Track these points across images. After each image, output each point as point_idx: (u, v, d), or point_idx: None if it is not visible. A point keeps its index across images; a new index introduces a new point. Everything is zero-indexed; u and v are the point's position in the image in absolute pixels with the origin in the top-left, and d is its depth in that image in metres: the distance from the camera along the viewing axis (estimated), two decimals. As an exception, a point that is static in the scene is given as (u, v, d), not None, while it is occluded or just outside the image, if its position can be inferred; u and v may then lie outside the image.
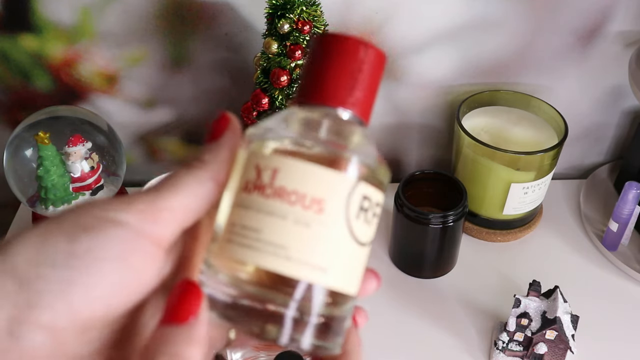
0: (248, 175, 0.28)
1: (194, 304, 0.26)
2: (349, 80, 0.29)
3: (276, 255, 0.27)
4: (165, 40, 0.74)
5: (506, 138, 0.75)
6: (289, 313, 0.27)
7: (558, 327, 0.62)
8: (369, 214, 0.28)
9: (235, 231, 0.27)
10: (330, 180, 0.27)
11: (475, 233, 0.79)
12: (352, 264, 0.28)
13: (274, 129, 0.29)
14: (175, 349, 0.24)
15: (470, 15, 0.74)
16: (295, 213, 0.27)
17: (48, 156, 0.66)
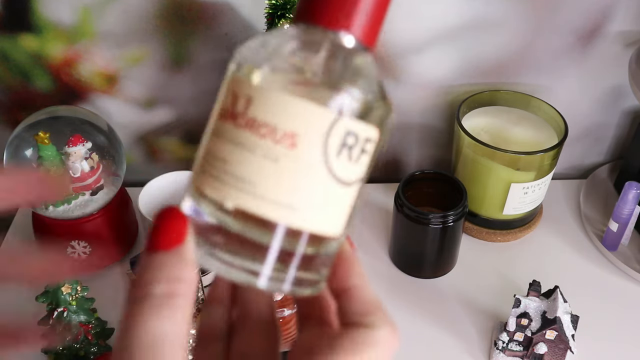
0: (225, 102, 0.26)
1: (182, 227, 0.25)
2: (355, 2, 0.26)
3: (242, 190, 0.25)
4: (165, 40, 0.74)
5: (506, 138, 0.75)
6: (269, 252, 0.25)
7: (558, 327, 0.62)
8: (355, 150, 0.26)
9: (208, 160, 0.26)
10: (305, 114, 0.25)
11: (475, 233, 0.79)
12: (331, 204, 0.26)
13: (259, 52, 0.27)
14: (172, 273, 0.24)
15: (471, 15, 0.74)
16: (265, 147, 0.25)
17: (48, 156, 0.66)
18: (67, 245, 0.71)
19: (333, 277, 0.28)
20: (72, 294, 0.58)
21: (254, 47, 0.27)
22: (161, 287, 0.24)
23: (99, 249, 0.72)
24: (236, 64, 0.27)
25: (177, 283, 0.24)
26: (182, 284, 0.24)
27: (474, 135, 0.73)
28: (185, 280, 0.24)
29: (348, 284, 0.28)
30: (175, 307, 0.24)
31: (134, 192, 0.79)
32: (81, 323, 0.60)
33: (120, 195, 0.75)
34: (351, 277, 0.28)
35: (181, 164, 0.85)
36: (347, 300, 0.28)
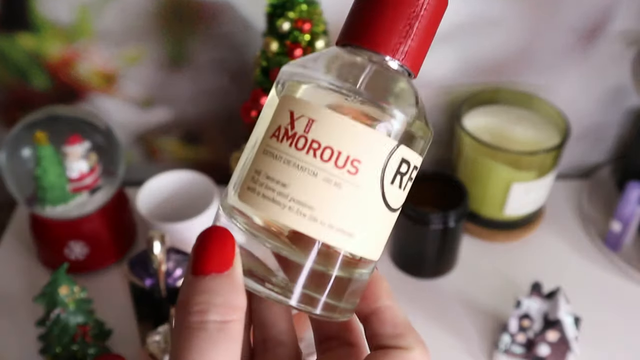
0: (280, 120, 0.26)
1: (231, 250, 0.24)
2: (404, 26, 0.26)
3: (301, 214, 0.25)
4: (164, 39, 0.74)
5: (507, 138, 0.75)
6: (305, 271, 0.25)
7: (560, 328, 0.61)
8: (405, 178, 0.26)
9: (259, 180, 0.25)
10: (370, 140, 0.25)
11: (476, 233, 0.78)
12: (380, 230, 0.26)
13: (312, 71, 0.26)
14: (226, 299, 0.23)
15: (471, 14, 0.73)
16: (327, 171, 0.25)
17: (46, 156, 0.66)
18: (65, 245, 0.71)
19: (362, 298, 0.28)
20: (69, 295, 0.58)
21: (307, 66, 0.27)
22: (216, 315, 0.23)
23: (97, 249, 0.72)
24: (285, 82, 0.27)
25: (231, 310, 0.23)
26: (236, 310, 0.23)
27: (474, 134, 0.73)
28: (239, 307, 0.23)
29: (377, 305, 0.27)
30: (230, 337, 0.23)
31: (133, 191, 0.78)
32: (79, 324, 0.59)
33: (119, 195, 0.74)
34: (380, 298, 0.28)
35: (180, 164, 0.84)
36: (377, 322, 0.27)
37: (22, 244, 0.77)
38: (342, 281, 0.26)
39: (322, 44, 0.65)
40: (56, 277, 0.57)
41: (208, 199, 0.69)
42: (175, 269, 0.60)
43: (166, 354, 0.55)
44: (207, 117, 0.81)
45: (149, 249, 0.58)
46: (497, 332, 0.67)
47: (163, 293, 0.59)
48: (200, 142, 0.84)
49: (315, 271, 0.25)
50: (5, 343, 0.66)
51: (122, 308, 0.68)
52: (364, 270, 0.27)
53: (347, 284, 0.26)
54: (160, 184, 0.71)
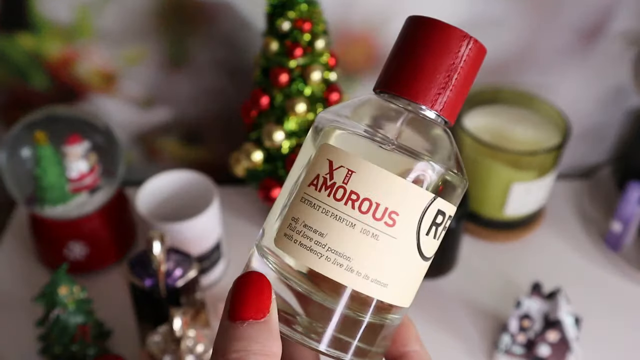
0: (318, 169, 0.26)
1: (268, 297, 0.24)
2: (444, 78, 0.26)
3: (338, 264, 0.25)
4: (164, 39, 0.74)
5: (507, 138, 0.75)
6: (336, 315, 0.25)
7: (560, 328, 0.61)
8: (440, 228, 0.26)
9: (297, 228, 0.25)
10: (407, 193, 0.25)
11: (476, 233, 0.78)
12: (413, 279, 0.27)
13: (348, 118, 0.27)
14: (264, 347, 0.23)
15: (471, 14, 0.73)
16: (365, 222, 0.25)
17: (46, 156, 0.66)
18: (65, 245, 0.70)
19: (391, 342, 0.28)
20: (69, 295, 0.58)
21: (340, 113, 0.27)
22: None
23: (96, 249, 0.72)
24: (321, 128, 0.27)
25: (268, 357, 0.23)
26: (273, 357, 0.23)
27: (475, 134, 0.73)
28: (276, 354, 0.23)
29: (406, 349, 0.28)
30: None
31: (133, 191, 0.78)
32: (79, 324, 0.59)
33: (119, 195, 0.74)
34: (409, 342, 0.28)
35: (180, 164, 0.84)
36: None
37: (22, 244, 0.77)
38: (374, 327, 0.27)
39: (322, 44, 0.65)
40: (56, 277, 0.57)
41: (208, 199, 0.69)
42: (175, 269, 0.60)
43: (166, 354, 0.55)
44: (207, 117, 0.81)
45: (149, 249, 0.58)
46: (497, 332, 0.67)
47: (163, 293, 0.59)
48: (200, 142, 0.84)
49: (348, 317, 0.26)
50: (5, 343, 0.66)
51: (122, 308, 0.68)
52: (396, 316, 0.28)
53: (379, 330, 0.27)
54: (160, 184, 0.71)
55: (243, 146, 0.71)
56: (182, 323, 0.54)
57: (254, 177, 0.72)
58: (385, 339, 0.27)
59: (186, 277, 0.60)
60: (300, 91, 0.67)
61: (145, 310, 0.61)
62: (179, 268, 0.60)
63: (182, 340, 0.55)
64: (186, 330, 0.55)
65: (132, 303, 0.62)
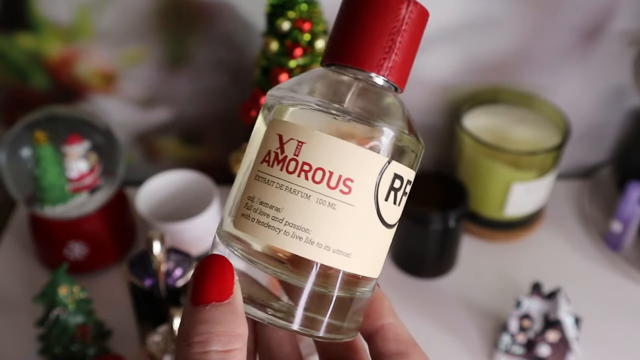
0: (269, 144, 0.25)
1: (230, 278, 0.24)
2: (387, 42, 0.26)
3: (297, 237, 0.25)
4: (164, 39, 0.74)
5: (508, 137, 0.74)
6: (305, 293, 0.25)
7: (560, 328, 0.61)
8: (399, 193, 0.26)
9: (253, 206, 0.25)
10: (360, 158, 0.25)
11: (476, 233, 0.78)
12: (378, 248, 0.26)
13: (297, 93, 0.26)
14: (228, 328, 0.23)
15: (472, 14, 0.73)
16: (320, 192, 0.24)
17: (45, 156, 0.66)
18: (65, 245, 0.70)
19: (365, 317, 0.28)
20: (69, 295, 0.58)
21: (293, 89, 0.27)
22: (218, 345, 0.23)
23: (96, 249, 0.72)
24: (272, 106, 0.26)
25: (233, 339, 0.23)
26: (238, 339, 0.23)
27: (475, 134, 0.73)
28: (241, 335, 0.23)
29: (381, 322, 0.27)
30: None
31: (133, 191, 0.78)
32: (79, 324, 0.59)
33: (119, 195, 0.74)
34: (383, 316, 0.28)
35: (180, 164, 0.84)
36: (382, 340, 0.27)
37: (22, 244, 0.77)
38: (344, 301, 0.26)
39: (322, 44, 0.65)
40: (56, 277, 0.57)
41: (208, 199, 0.69)
42: (175, 269, 0.60)
43: (166, 354, 0.55)
44: (207, 117, 0.81)
45: (149, 249, 0.58)
46: (497, 332, 0.67)
47: (163, 293, 0.59)
48: (200, 142, 0.84)
49: (316, 293, 0.25)
50: (5, 343, 0.66)
51: (121, 308, 0.68)
52: (365, 288, 0.27)
53: (349, 304, 0.26)
54: (160, 184, 0.71)
55: (243, 146, 0.71)
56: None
57: (254, 177, 0.72)
58: (356, 314, 0.27)
59: (186, 277, 0.60)
60: (300, 91, 0.67)
61: (145, 310, 0.61)
62: (179, 268, 0.60)
63: (182, 340, 0.54)
64: (186, 330, 0.55)
65: (132, 303, 0.62)
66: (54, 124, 0.68)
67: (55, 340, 0.59)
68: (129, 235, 0.76)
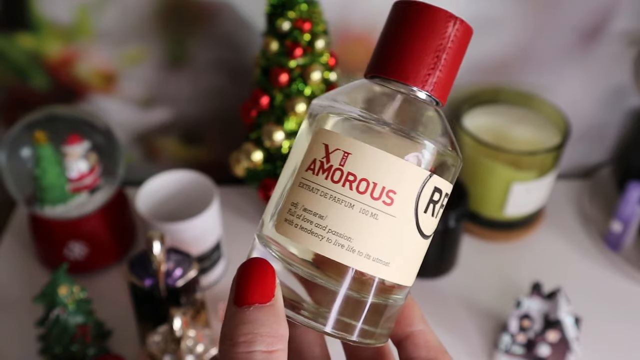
0: (315, 153, 0.26)
1: (272, 280, 0.25)
2: (432, 58, 0.27)
3: (339, 245, 0.25)
4: (164, 39, 0.74)
5: (507, 138, 0.74)
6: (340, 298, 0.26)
7: (560, 328, 0.61)
8: (437, 206, 0.27)
9: (297, 212, 0.26)
10: (403, 171, 0.25)
11: (476, 233, 0.78)
12: (414, 257, 0.27)
13: (342, 103, 0.27)
14: (271, 330, 0.24)
15: (472, 14, 0.73)
16: (364, 202, 0.25)
17: (45, 156, 0.66)
18: (65, 245, 0.70)
19: (395, 323, 0.28)
20: (69, 295, 0.58)
21: (335, 99, 0.27)
22: (262, 345, 0.23)
23: (96, 249, 0.72)
24: (317, 114, 0.27)
25: (276, 339, 0.24)
26: (281, 339, 0.24)
27: (475, 134, 0.73)
28: (283, 336, 0.24)
29: (411, 329, 0.28)
30: None
31: (133, 191, 0.78)
32: (79, 325, 0.59)
33: (119, 195, 0.74)
34: (414, 322, 0.28)
35: (180, 164, 0.84)
36: (412, 346, 0.28)
37: (22, 244, 0.77)
38: (378, 307, 0.27)
39: (322, 44, 0.65)
40: (56, 277, 0.57)
41: (208, 199, 0.69)
42: (175, 269, 0.60)
43: (166, 354, 0.55)
44: (207, 117, 0.81)
45: (149, 249, 0.58)
46: (497, 332, 0.67)
47: (163, 293, 0.59)
48: (200, 142, 0.84)
49: (351, 298, 0.26)
50: (5, 343, 0.66)
51: (122, 308, 0.68)
52: (398, 296, 0.28)
53: (383, 310, 0.27)
54: (160, 184, 0.71)
55: (243, 146, 0.71)
56: (182, 323, 0.54)
57: (253, 177, 0.72)
58: (389, 320, 0.28)
59: (186, 277, 0.60)
60: (300, 91, 0.67)
61: (145, 310, 0.61)
62: (179, 268, 0.60)
63: (182, 340, 0.55)
64: (186, 330, 0.55)
65: (132, 303, 0.62)
66: (54, 124, 0.68)
67: (55, 340, 0.59)
68: (129, 235, 0.76)
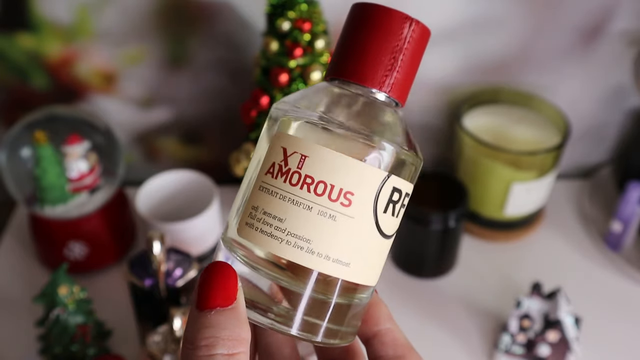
0: (273, 157, 0.26)
1: (234, 284, 0.25)
2: (389, 60, 0.27)
3: (299, 247, 0.26)
4: (164, 39, 0.74)
5: (508, 137, 0.74)
6: (304, 299, 0.26)
7: (560, 328, 0.61)
8: (397, 206, 0.27)
9: (257, 216, 0.26)
10: (361, 172, 0.26)
11: (476, 233, 0.78)
12: (375, 257, 0.27)
13: (302, 107, 0.27)
14: (232, 333, 0.24)
15: (472, 14, 0.73)
16: (322, 204, 0.26)
17: (45, 156, 0.66)
18: (65, 245, 0.70)
19: (363, 322, 0.29)
20: (69, 295, 0.58)
21: (297, 103, 0.28)
22: (223, 348, 0.23)
23: (96, 249, 0.72)
24: (277, 118, 0.27)
25: (237, 342, 0.24)
26: (242, 342, 0.24)
27: (475, 134, 0.73)
28: (245, 339, 0.24)
29: (378, 327, 0.28)
30: None
31: (133, 191, 0.78)
32: (79, 324, 0.59)
33: (119, 195, 0.74)
34: (381, 321, 0.28)
35: (180, 164, 0.84)
36: (379, 344, 0.28)
37: (22, 244, 0.77)
38: (342, 307, 0.27)
39: (322, 44, 0.65)
40: (56, 277, 0.57)
41: (208, 199, 0.69)
42: (175, 269, 0.60)
43: (166, 354, 0.55)
44: (207, 117, 0.81)
45: (149, 249, 0.58)
46: (497, 332, 0.67)
47: (163, 293, 0.59)
48: (200, 142, 0.84)
49: (315, 299, 0.26)
50: (5, 343, 0.66)
51: (122, 308, 0.68)
52: (362, 295, 0.28)
53: (347, 309, 0.27)
54: (160, 184, 0.71)
55: (243, 146, 0.71)
56: (182, 323, 0.54)
57: (254, 177, 0.72)
58: (354, 318, 0.28)
59: (186, 277, 0.60)
60: (300, 91, 0.67)
61: (145, 310, 0.61)
62: (179, 268, 0.60)
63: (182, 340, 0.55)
64: (186, 330, 0.55)
65: (132, 303, 0.62)
66: (54, 124, 0.68)
67: (55, 340, 0.59)
68: (129, 235, 0.76)
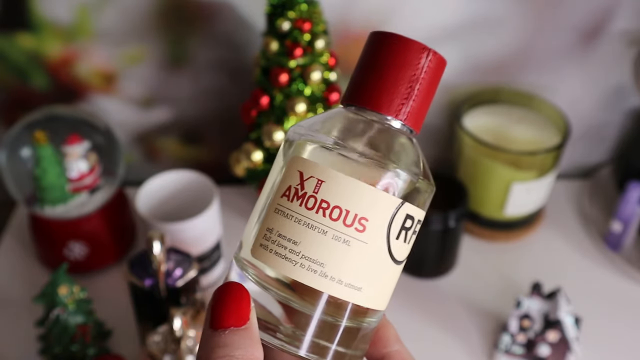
0: (290, 180, 0.27)
1: (247, 304, 0.25)
2: (406, 89, 0.28)
3: (312, 270, 0.26)
4: (164, 39, 0.74)
5: (507, 138, 0.74)
6: (314, 321, 0.27)
7: (560, 328, 0.61)
8: (409, 232, 0.28)
9: (271, 238, 0.27)
10: (375, 200, 0.26)
11: (476, 233, 0.78)
12: (387, 282, 0.28)
13: (318, 131, 0.28)
14: (244, 352, 0.24)
15: (472, 14, 0.73)
16: (336, 229, 0.26)
17: (45, 156, 0.66)
18: (65, 245, 0.70)
19: (371, 344, 0.29)
20: (69, 295, 0.58)
21: (313, 127, 0.28)
22: None
23: (96, 249, 0.72)
24: (293, 141, 0.28)
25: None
26: None
27: (475, 134, 0.73)
28: (258, 359, 0.24)
29: (387, 349, 0.29)
30: None
31: (133, 191, 0.78)
32: (79, 324, 0.59)
33: (119, 195, 0.74)
34: (389, 343, 0.29)
35: (180, 164, 0.84)
36: None
37: (22, 244, 0.77)
38: (352, 330, 0.28)
39: (322, 44, 0.65)
40: (56, 277, 0.57)
41: (208, 199, 0.69)
42: (175, 269, 0.60)
43: (166, 354, 0.55)
44: (207, 117, 0.81)
45: (149, 249, 0.58)
46: (497, 332, 0.67)
47: (163, 293, 0.59)
48: (200, 142, 0.84)
49: (325, 322, 0.27)
50: (5, 343, 0.66)
51: (122, 308, 0.68)
52: (372, 319, 0.28)
53: (356, 333, 0.28)
54: (160, 184, 0.71)
55: (243, 146, 0.71)
56: (182, 323, 0.54)
57: (253, 177, 0.72)
58: (362, 342, 0.28)
59: (186, 277, 0.60)
60: (300, 91, 0.67)
61: (145, 310, 0.61)
62: (179, 268, 0.60)
63: (182, 340, 0.55)
64: (186, 330, 0.55)
65: (132, 303, 0.62)
66: (54, 124, 0.68)
67: (55, 340, 0.59)
68: (129, 235, 0.76)
